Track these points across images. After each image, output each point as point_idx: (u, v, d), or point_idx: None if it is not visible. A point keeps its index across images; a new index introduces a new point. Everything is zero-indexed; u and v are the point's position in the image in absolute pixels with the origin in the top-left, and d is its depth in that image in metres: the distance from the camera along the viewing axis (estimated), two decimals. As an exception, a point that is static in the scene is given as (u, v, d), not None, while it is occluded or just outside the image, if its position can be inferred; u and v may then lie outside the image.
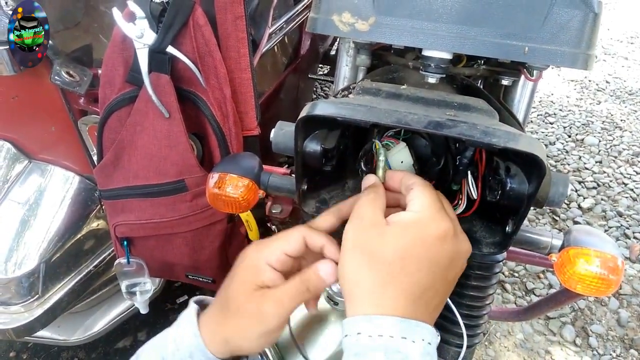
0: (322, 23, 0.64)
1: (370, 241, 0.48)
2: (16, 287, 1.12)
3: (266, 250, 0.54)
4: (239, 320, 0.52)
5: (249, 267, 0.54)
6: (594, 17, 0.58)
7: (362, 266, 0.48)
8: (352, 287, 0.48)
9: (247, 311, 0.51)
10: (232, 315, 0.52)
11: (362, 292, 0.47)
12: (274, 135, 0.66)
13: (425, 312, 0.48)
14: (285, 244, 0.54)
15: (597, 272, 0.66)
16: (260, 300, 0.51)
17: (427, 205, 0.50)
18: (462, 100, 0.60)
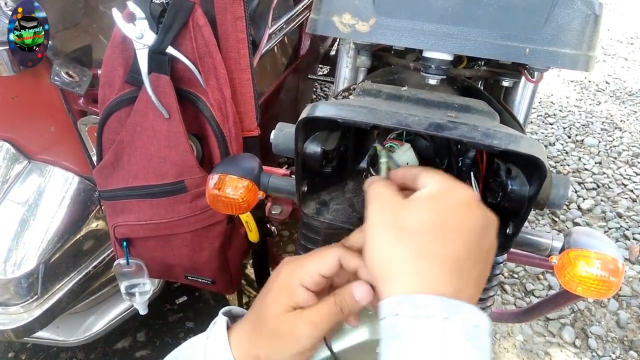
0: (323, 24, 0.64)
1: (396, 215, 0.46)
2: (15, 287, 1.12)
3: (300, 271, 0.53)
4: (273, 340, 0.52)
5: (282, 287, 0.53)
6: (595, 18, 0.57)
7: (391, 242, 0.45)
8: (384, 267, 0.46)
9: (281, 332, 0.51)
10: (265, 335, 0.52)
11: (395, 269, 0.44)
12: (274, 136, 0.66)
13: (466, 287, 0.44)
14: (320, 266, 0.53)
15: (598, 274, 0.66)
16: (293, 321, 0.51)
17: (441, 180, 0.48)
18: (463, 102, 0.60)
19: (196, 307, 1.82)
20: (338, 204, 0.71)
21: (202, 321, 1.77)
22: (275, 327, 0.52)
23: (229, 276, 1.10)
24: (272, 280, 0.55)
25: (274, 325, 0.52)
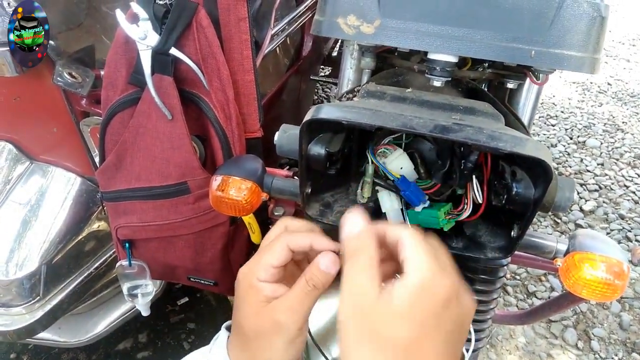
0: (327, 26, 0.64)
1: (378, 325, 0.43)
2: (17, 288, 1.12)
3: (255, 268, 0.53)
4: (260, 341, 0.52)
5: (246, 289, 0.53)
6: (601, 20, 0.57)
7: (363, 348, 0.43)
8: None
9: (264, 329, 0.51)
10: (251, 338, 0.52)
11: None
12: (278, 138, 0.66)
13: None
14: (271, 258, 0.53)
15: (603, 277, 0.65)
16: (271, 313, 0.51)
17: (426, 266, 0.45)
18: (468, 104, 0.60)
19: (198, 308, 1.82)
20: (342, 205, 0.71)
21: (203, 322, 1.77)
22: (257, 327, 0.52)
23: (232, 278, 1.10)
24: (236, 289, 0.55)
25: (255, 326, 0.52)
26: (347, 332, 0.45)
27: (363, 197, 0.70)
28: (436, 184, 0.67)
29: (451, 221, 0.65)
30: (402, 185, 0.65)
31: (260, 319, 0.51)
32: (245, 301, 0.53)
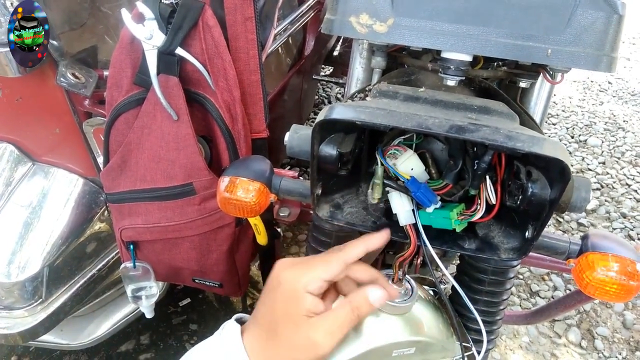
0: (339, 24, 0.63)
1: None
2: (20, 291, 1.11)
3: (304, 279, 0.53)
4: (292, 351, 0.52)
5: (289, 296, 0.53)
6: (618, 19, 0.56)
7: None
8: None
9: (300, 343, 0.52)
10: (282, 345, 0.53)
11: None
12: (289, 139, 0.65)
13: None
14: (325, 273, 0.53)
15: (617, 278, 0.65)
16: (310, 331, 0.51)
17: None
18: (482, 103, 0.59)
19: (200, 309, 1.81)
20: (352, 207, 0.70)
21: (206, 323, 1.76)
22: (293, 338, 0.52)
23: (237, 279, 1.09)
24: (275, 288, 0.55)
25: (291, 337, 0.52)
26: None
27: (373, 198, 0.69)
28: (448, 185, 0.66)
29: (463, 222, 0.64)
30: (412, 186, 0.64)
31: (297, 332, 0.52)
32: (285, 308, 0.53)
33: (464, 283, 0.82)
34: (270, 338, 0.54)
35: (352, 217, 0.68)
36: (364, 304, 0.53)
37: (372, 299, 0.53)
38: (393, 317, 0.70)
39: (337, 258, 0.54)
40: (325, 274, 0.53)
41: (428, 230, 0.64)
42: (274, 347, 0.53)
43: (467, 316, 0.82)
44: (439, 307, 0.78)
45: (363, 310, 0.53)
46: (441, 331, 0.74)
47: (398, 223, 0.65)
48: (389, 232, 0.59)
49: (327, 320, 0.52)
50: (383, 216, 0.69)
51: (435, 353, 0.73)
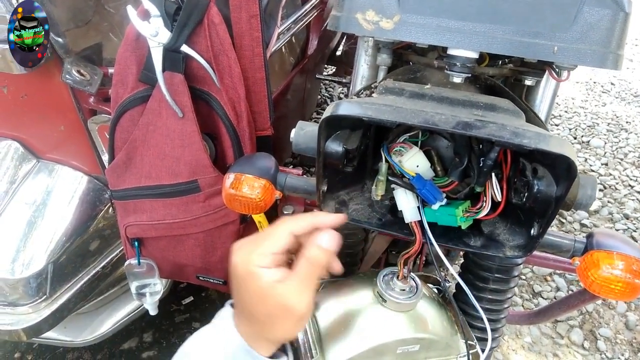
0: (345, 21, 0.63)
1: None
2: (24, 287, 1.11)
3: (254, 256, 0.53)
4: (270, 322, 0.54)
5: (245, 277, 0.53)
6: (625, 16, 0.56)
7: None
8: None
9: (273, 313, 0.53)
10: (263, 323, 0.54)
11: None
12: (295, 135, 0.65)
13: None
14: (273, 246, 0.54)
15: (622, 276, 0.65)
16: (279, 299, 0.52)
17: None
18: (488, 101, 0.59)
19: (203, 307, 1.82)
20: (357, 203, 0.70)
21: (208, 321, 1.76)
22: (266, 311, 0.53)
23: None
24: (234, 273, 0.55)
25: (264, 310, 0.53)
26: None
27: (376, 195, 0.69)
28: (453, 182, 0.66)
29: (469, 219, 0.64)
30: (417, 183, 0.65)
31: (268, 304, 0.52)
32: (246, 288, 0.54)
33: (469, 281, 0.82)
34: (252, 321, 0.55)
35: (358, 213, 0.68)
36: (319, 253, 0.53)
37: (324, 244, 0.53)
38: (397, 314, 0.70)
39: (283, 230, 0.54)
40: (273, 247, 0.53)
41: (433, 228, 0.64)
42: (255, 324, 0.55)
43: (471, 314, 0.82)
44: (443, 305, 0.78)
45: (320, 258, 0.53)
46: (445, 329, 0.74)
47: (403, 220, 0.66)
48: (344, 217, 0.58)
49: (291, 282, 0.52)
50: (388, 213, 0.69)
51: (439, 350, 0.73)
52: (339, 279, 0.84)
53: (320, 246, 0.53)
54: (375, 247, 1.11)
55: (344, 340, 0.70)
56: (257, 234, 0.57)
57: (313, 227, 0.55)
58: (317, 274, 0.53)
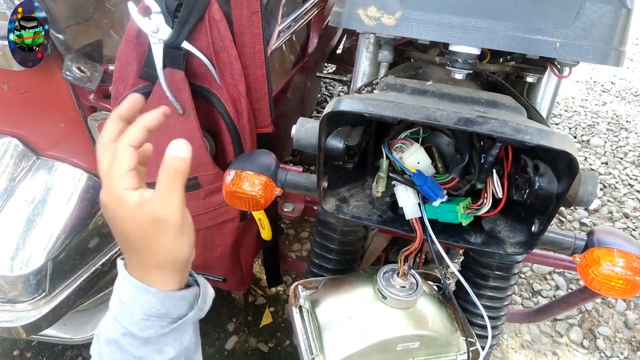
0: (347, 17, 0.63)
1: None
2: (23, 284, 1.11)
3: (114, 182, 0.52)
4: (148, 242, 0.52)
5: (116, 206, 0.52)
6: (627, 12, 0.56)
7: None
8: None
9: (148, 231, 0.52)
10: (140, 245, 0.53)
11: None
12: (296, 131, 0.65)
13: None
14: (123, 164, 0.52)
15: (622, 273, 0.65)
16: (148, 213, 0.51)
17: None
18: (490, 97, 0.59)
19: (202, 305, 1.81)
20: (358, 200, 0.70)
21: (208, 320, 1.76)
22: (141, 231, 0.52)
23: (241, 274, 1.09)
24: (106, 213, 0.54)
25: (139, 231, 0.52)
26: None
27: (377, 191, 0.69)
28: (454, 179, 0.66)
29: (470, 216, 0.64)
30: (418, 180, 0.65)
31: (140, 223, 0.51)
32: (119, 217, 0.52)
33: (469, 279, 0.82)
34: (136, 252, 0.54)
35: (358, 210, 0.68)
36: (173, 162, 0.51)
37: (175, 153, 0.51)
38: (398, 311, 0.70)
39: (123, 146, 0.52)
40: (124, 166, 0.52)
41: (434, 224, 0.64)
42: (143, 257, 0.53)
43: (471, 312, 0.82)
44: (443, 302, 0.78)
45: (175, 167, 0.51)
46: (445, 326, 0.74)
47: (404, 217, 0.66)
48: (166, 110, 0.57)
49: (154, 195, 0.51)
50: (389, 210, 0.69)
51: (439, 347, 0.73)
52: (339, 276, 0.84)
53: (173, 156, 0.51)
54: (375, 245, 1.11)
55: (343, 337, 0.70)
56: (103, 172, 0.54)
57: (144, 130, 0.53)
58: (178, 181, 0.52)
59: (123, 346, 0.54)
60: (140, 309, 0.53)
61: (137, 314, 0.53)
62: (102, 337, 0.56)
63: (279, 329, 1.75)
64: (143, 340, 0.54)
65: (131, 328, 0.53)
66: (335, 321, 0.72)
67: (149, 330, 0.53)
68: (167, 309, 0.54)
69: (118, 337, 0.54)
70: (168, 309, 0.54)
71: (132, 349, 0.54)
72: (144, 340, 0.54)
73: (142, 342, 0.54)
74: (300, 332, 0.73)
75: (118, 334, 0.54)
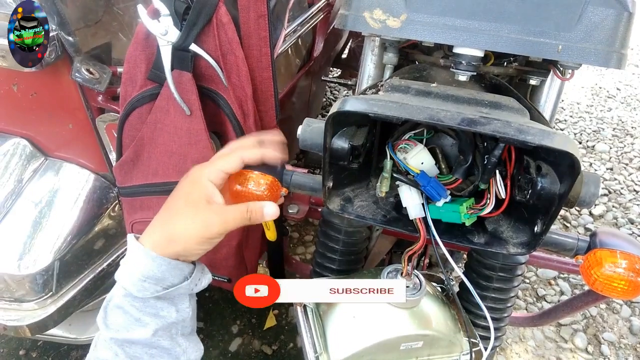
0: (353, 20, 0.64)
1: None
2: (30, 283, 1.12)
3: (206, 170, 0.64)
4: (186, 228, 0.61)
5: (193, 183, 0.64)
6: (628, 16, 0.57)
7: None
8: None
9: (195, 220, 0.61)
10: (180, 221, 0.62)
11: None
12: (302, 132, 0.66)
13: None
14: (224, 164, 0.64)
15: (625, 274, 0.65)
16: (207, 214, 0.61)
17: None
18: (493, 99, 0.60)
19: (206, 307, 1.82)
20: (362, 200, 0.71)
21: (212, 322, 1.77)
22: (191, 217, 0.61)
23: (245, 274, 1.10)
24: (184, 179, 0.66)
25: (190, 215, 0.61)
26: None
27: (380, 191, 0.70)
28: (457, 179, 0.67)
29: (473, 216, 0.65)
30: (421, 180, 0.65)
31: (196, 213, 0.61)
32: (185, 191, 0.64)
33: (472, 280, 0.83)
34: (169, 212, 0.63)
35: (363, 210, 0.68)
36: (258, 212, 0.64)
37: (265, 211, 0.65)
38: (401, 310, 0.71)
39: (236, 155, 0.64)
40: (224, 166, 0.63)
41: (437, 224, 0.65)
42: (170, 218, 0.63)
43: (475, 313, 0.83)
44: (446, 302, 0.79)
45: (255, 215, 0.64)
46: (448, 326, 0.74)
47: (408, 217, 0.66)
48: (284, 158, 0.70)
49: (225, 211, 0.62)
50: (393, 210, 0.70)
51: (442, 348, 0.74)
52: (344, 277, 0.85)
53: (262, 211, 0.65)
54: (379, 246, 1.12)
55: (347, 336, 0.70)
56: (215, 156, 0.66)
57: (261, 159, 0.66)
58: (244, 223, 0.64)
59: (124, 307, 0.61)
60: (139, 271, 0.60)
61: (135, 275, 0.60)
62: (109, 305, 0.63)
63: (283, 332, 1.75)
64: (140, 301, 0.61)
65: (130, 288, 0.60)
66: (339, 320, 0.73)
67: (145, 291, 0.60)
68: (162, 274, 0.61)
69: (120, 299, 0.61)
70: (164, 275, 0.61)
71: (132, 310, 0.61)
72: (142, 301, 0.61)
73: (140, 303, 0.61)
74: (304, 330, 0.74)
75: (120, 295, 0.62)
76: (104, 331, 0.62)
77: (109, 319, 0.62)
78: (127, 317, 0.62)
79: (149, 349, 0.63)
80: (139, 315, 0.62)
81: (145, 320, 0.62)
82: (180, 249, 0.61)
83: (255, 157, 0.65)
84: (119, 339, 0.61)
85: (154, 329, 0.62)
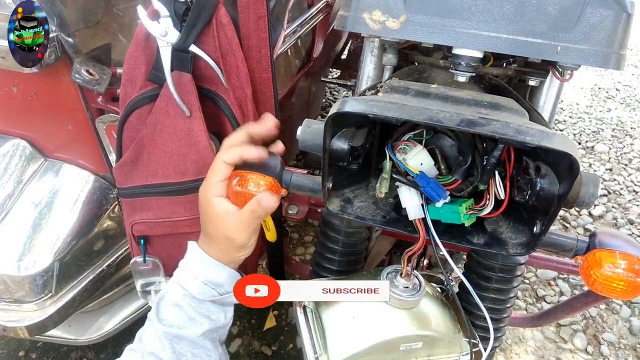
0: (352, 21, 0.64)
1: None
2: (30, 285, 1.12)
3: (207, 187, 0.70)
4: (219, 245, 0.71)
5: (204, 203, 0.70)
6: (627, 17, 0.57)
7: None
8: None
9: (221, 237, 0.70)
10: (214, 242, 0.71)
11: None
12: (301, 132, 0.66)
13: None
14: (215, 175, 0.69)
15: (624, 275, 0.65)
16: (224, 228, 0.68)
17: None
18: (492, 100, 0.60)
19: (206, 308, 1.82)
20: (362, 201, 0.71)
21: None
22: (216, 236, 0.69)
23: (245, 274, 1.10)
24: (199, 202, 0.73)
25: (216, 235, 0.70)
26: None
27: (380, 192, 0.70)
28: (457, 180, 0.67)
29: (472, 217, 0.65)
30: (421, 181, 0.65)
31: (217, 230, 0.69)
32: (205, 212, 0.70)
33: (472, 281, 0.83)
34: (208, 239, 0.72)
35: (362, 211, 0.69)
36: (258, 207, 0.67)
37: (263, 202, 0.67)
38: (401, 311, 0.71)
39: (218, 162, 0.69)
40: (215, 177, 0.69)
41: (437, 225, 0.65)
42: (212, 245, 0.71)
43: (474, 313, 0.83)
44: (446, 303, 0.79)
45: (260, 211, 0.67)
46: (448, 327, 0.75)
47: (407, 218, 0.66)
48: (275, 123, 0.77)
49: (235, 220, 0.67)
50: (392, 211, 0.70)
51: (442, 348, 0.74)
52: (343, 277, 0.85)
53: (261, 203, 0.67)
54: (378, 247, 1.12)
55: (347, 337, 0.70)
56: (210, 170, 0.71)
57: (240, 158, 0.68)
58: (257, 220, 0.69)
59: (182, 305, 0.68)
60: (202, 275, 0.69)
61: (199, 278, 0.69)
62: (162, 302, 0.71)
63: (283, 332, 1.75)
64: (198, 302, 0.69)
65: (192, 289, 0.69)
66: (338, 321, 0.73)
67: (204, 294, 0.69)
68: (221, 281, 0.70)
69: (179, 297, 0.69)
70: (222, 281, 0.70)
71: (188, 309, 0.68)
72: (199, 302, 0.69)
73: (197, 303, 0.69)
74: (304, 331, 0.74)
75: (179, 294, 0.69)
76: (157, 325, 0.68)
77: (162, 314, 0.69)
78: (183, 315, 0.68)
79: (193, 348, 0.68)
80: (194, 315, 0.69)
81: (199, 320, 0.69)
82: (231, 261, 0.71)
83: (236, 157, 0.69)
84: (171, 334, 0.67)
85: (204, 330, 0.69)
